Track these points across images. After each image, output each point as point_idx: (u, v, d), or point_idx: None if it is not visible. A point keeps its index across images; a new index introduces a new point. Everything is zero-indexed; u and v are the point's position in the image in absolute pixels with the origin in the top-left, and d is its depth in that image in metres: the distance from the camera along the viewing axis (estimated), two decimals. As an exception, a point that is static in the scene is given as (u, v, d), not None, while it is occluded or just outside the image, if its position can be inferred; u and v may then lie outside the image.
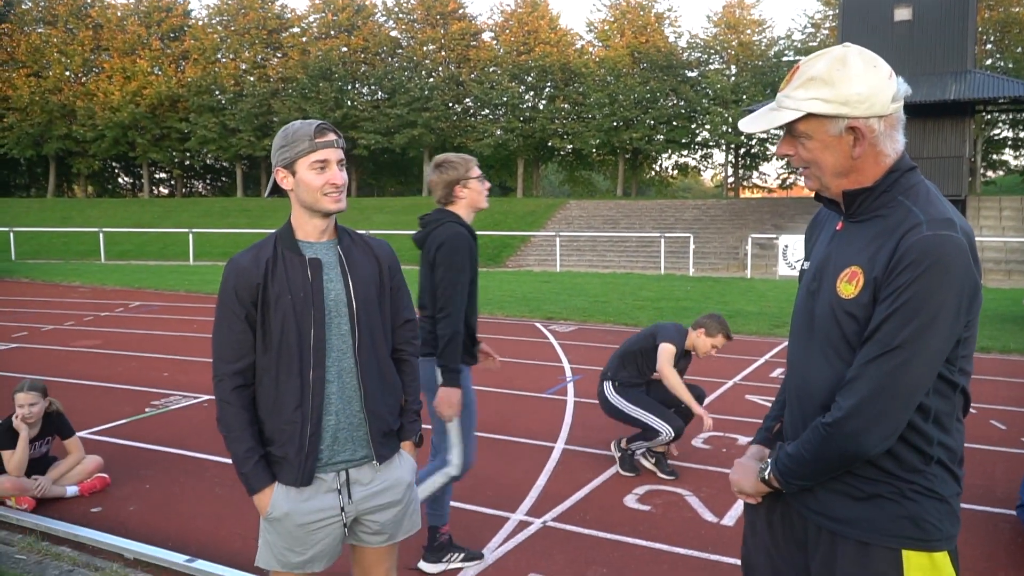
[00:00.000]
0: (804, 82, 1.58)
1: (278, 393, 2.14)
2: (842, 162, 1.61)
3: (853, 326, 1.57)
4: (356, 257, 2.25)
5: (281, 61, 46.31)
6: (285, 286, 2.13)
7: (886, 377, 1.49)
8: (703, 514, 4.43)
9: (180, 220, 36.10)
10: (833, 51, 1.59)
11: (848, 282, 1.59)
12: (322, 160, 2.12)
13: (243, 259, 2.17)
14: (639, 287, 17.68)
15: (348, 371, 2.20)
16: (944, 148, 23.39)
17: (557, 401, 7.05)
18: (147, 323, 12.05)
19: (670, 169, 48.33)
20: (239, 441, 2.15)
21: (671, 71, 40.74)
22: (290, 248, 2.18)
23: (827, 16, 40.02)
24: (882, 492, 1.60)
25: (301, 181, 2.14)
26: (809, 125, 1.60)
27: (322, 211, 2.16)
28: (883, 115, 1.56)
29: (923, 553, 1.58)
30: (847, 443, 1.54)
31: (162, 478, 4.97)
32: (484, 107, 44.02)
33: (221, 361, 2.16)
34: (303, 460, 2.15)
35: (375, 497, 2.27)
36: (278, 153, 2.17)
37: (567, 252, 27.42)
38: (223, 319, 2.16)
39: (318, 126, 2.13)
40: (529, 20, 42.77)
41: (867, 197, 1.62)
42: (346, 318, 2.19)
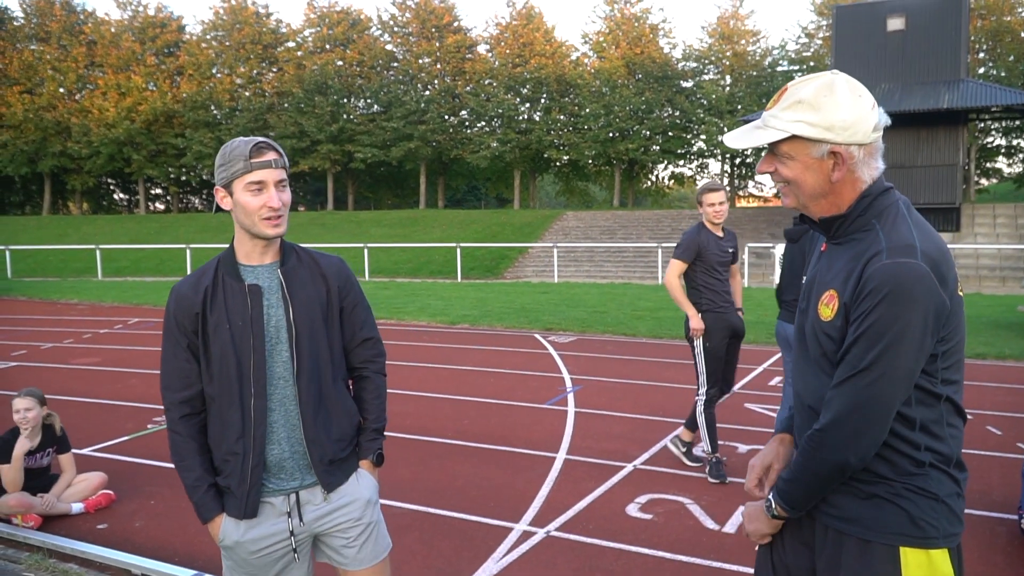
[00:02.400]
0: (792, 104, 1.64)
1: (222, 423, 2.09)
2: (821, 184, 1.67)
3: (831, 346, 1.66)
4: (300, 279, 2.16)
5: (276, 75, 46.51)
6: (223, 315, 2.06)
7: (857, 396, 1.58)
8: (704, 522, 4.47)
9: (177, 236, 36.14)
10: (822, 77, 1.64)
11: (826, 305, 1.67)
12: (258, 182, 2.04)
13: (183, 286, 2.11)
14: (637, 297, 17.73)
15: (291, 399, 2.12)
16: (938, 156, 23.53)
17: (558, 412, 7.09)
18: (146, 339, 12.07)
19: (666, 179, 48.54)
20: (188, 470, 2.11)
21: (666, 82, 40.98)
22: (230, 273, 2.11)
23: (820, 26, 40.30)
24: (880, 492, 1.67)
25: (238, 203, 2.06)
26: (793, 146, 1.66)
27: (260, 235, 2.08)
28: (863, 143, 1.63)
29: (920, 550, 1.64)
30: (830, 455, 1.63)
31: (167, 493, 5.00)
32: (480, 119, 44.22)
33: (168, 390, 2.12)
34: (246, 492, 2.09)
35: (331, 516, 2.20)
36: (218, 171, 2.08)
37: (564, 263, 27.49)
38: (167, 347, 2.12)
39: (255, 144, 2.04)
40: (524, 32, 43.02)
41: (842, 223, 1.69)
42: (286, 345, 2.11)
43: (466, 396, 7.75)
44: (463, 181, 53.68)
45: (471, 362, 9.66)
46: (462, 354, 10.32)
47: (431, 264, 28.75)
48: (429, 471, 5.42)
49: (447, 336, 12.02)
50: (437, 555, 4.02)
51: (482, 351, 10.55)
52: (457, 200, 56.77)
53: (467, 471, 5.40)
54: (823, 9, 39.73)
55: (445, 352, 10.46)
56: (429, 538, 4.26)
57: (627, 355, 10.06)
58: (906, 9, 23.93)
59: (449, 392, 7.94)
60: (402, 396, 7.76)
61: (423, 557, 4.01)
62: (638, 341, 11.29)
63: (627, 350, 10.47)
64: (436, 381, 8.48)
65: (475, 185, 56.81)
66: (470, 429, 6.48)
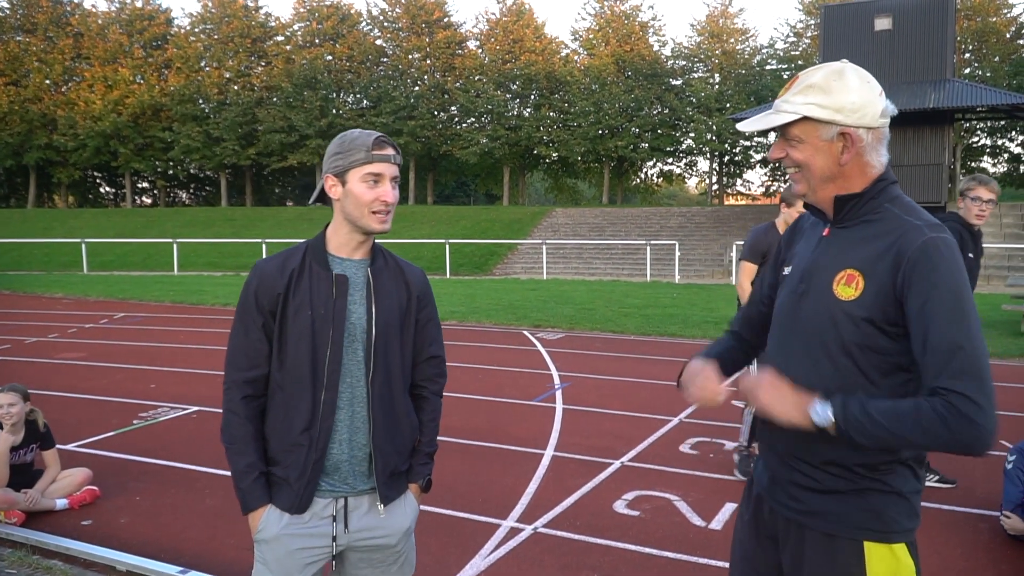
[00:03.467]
0: (802, 89, 1.69)
1: (287, 412, 2.03)
2: (830, 167, 1.69)
3: (850, 326, 1.63)
4: (385, 281, 2.12)
5: (265, 70, 46.23)
6: (307, 300, 2.02)
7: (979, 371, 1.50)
8: (691, 518, 4.49)
9: (164, 230, 35.91)
10: (831, 65, 1.70)
11: (847, 284, 1.65)
12: (376, 173, 2.01)
13: (268, 265, 2.06)
14: (625, 294, 17.77)
15: (360, 400, 2.07)
16: (924, 156, 23.70)
17: (546, 408, 7.10)
18: (132, 334, 11.99)
19: (655, 177, 48.63)
20: (241, 454, 2.03)
21: (655, 79, 41.03)
22: (318, 261, 2.06)
23: (809, 25, 40.46)
24: (841, 487, 1.68)
25: (351, 192, 2.02)
26: (803, 129, 1.69)
27: (366, 229, 2.05)
28: (871, 127, 1.66)
29: (883, 545, 1.67)
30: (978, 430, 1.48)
31: (153, 490, 4.97)
32: (470, 115, 44.14)
33: (233, 368, 2.05)
34: (303, 486, 2.03)
35: (373, 531, 2.13)
36: (331, 160, 2.04)
37: (553, 260, 27.51)
38: (240, 324, 2.06)
39: (377, 138, 2.02)
40: (514, 29, 42.97)
41: (856, 202, 1.70)
42: (363, 344, 2.06)
43: (454, 392, 7.74)
44: (452, 177, 53.59)
45: (459, 359, 9.66)
46: (450, 350, 10.31)
47: (420, 260, 28.68)
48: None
49: (435, 332, 11.99)
50: (425, 552, 4.02)
51: (470, 347, 10.55)
52: (446, 196, 56.66)
53: (455, 467, 5.40)
54: (811, 8, 39.89)
55: (433, 348, 10.43)
56: (417, 535, 4.22)
57: (615, 352, 10.08)
58: (893, 9, 24.07)
59: (437, 388, 7.92)
60: (390, 392, 7.74)
61: (410, 553, 4.01)
62: (626, 338, 11.31)
63: (615, 347, 10.49)
64: (424, 377, 8.46)
65: (464, 181, 56.73)
66: (458, 425, 6.48)
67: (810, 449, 1.71)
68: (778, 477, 1.81)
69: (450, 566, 3.87)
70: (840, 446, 1.65)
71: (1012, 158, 38.72)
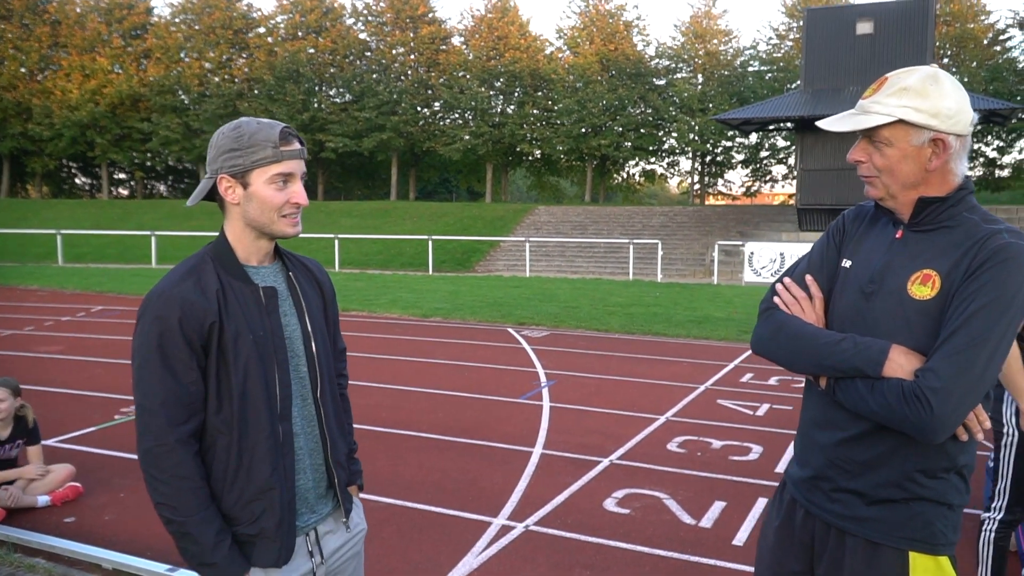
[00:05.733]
0: (896, 91, 1.65)
1: (242, 457, 1.74)
2: (916, 173, 1.67)
3: (927, 324, 1.61)
4: (305, 286, 1.93)
5: (247, 61, 45.79)
6: (243, 322, 1.74)
7: (971, 365, 1.53)
8: (681, 517, 4.49)
9: (142, 222, 35.45)
10: (925, 68, 1.67)
11: (923, 284, 1.63)
12: (286, 173, 1.76)
13: (182, 290, 1.71)
14: (609, 293, 17.80)
15: (310, 418, 1.88)
16: (904, 158, 23.94)
17: (533, 406, 7.08)
18: (111, 328, 11.82)
19: (637, 176, 48.79)
20: (206, 523, 1.70)
21: (639, 79, 41.12)
22: (235, 275, 1.78)
23: (791, 28, 40.73)
24: (894, 496, 1.66)
25: (256, 195, 1.76)
26: (895, 132, 1.65)
27: (276, 235, 1.81)
28: (961, 134, 1.65)
29: (929, 556, 1.65)
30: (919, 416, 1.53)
31: (138, 487, 4.88)
32: (453, 111, 44.01)
33: (168, 424, 1.68)
34: (285, 534, 1.78)
35: (344, 549, 2.00)
36: (226, 157, 1.75)
37: (536, 257, 27.50)
38: (163, 369, 1.68)
39: (283, 130, 1.77)
40: (499, 25, 42.86)
41: (939, 206, 1.67)
42: (303, 358, 1.86)
43: (440, 389, 7.71)
44: (435, 173, 53.39)
45: (445, 355, 9.62)
46: (435, 347, 10.26)
47: (402, 256, 28.59)
48: (405, 465, 5.38)
49: (420, 329, 11.95)
50: (416, 549, 3.99)
51: (455, 344, 10.51)
52: (428, 192, 56.44)
53: (443, 465, 5.37)
54: (794, 11, 40.15)
55: (418, 345, 10.40)
56: (407, 532, 4.22)
57: (600, 350, 10.08)
58: (875, 13, 24.28)
59: (423, 385, 7.89)
60: (376, 389, 7.69)
61: (402, 551, 3.98)
62: (611, 336, 11.33)
63: (600, 345, 10.50)
64: (410, 374, 8.42)
65: (447, 178, 56.54)
66: (445, 422, 6.45)
67: (862, 454, 1.69)
68: (821, 480, 1.77)
69: (442, 564, 3.84)
70: (897, 453, 1.65)
71: (987, 162, 39.25)
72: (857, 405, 1.63)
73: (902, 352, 1.60)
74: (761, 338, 1.84)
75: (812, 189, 24.96)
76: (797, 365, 1.75)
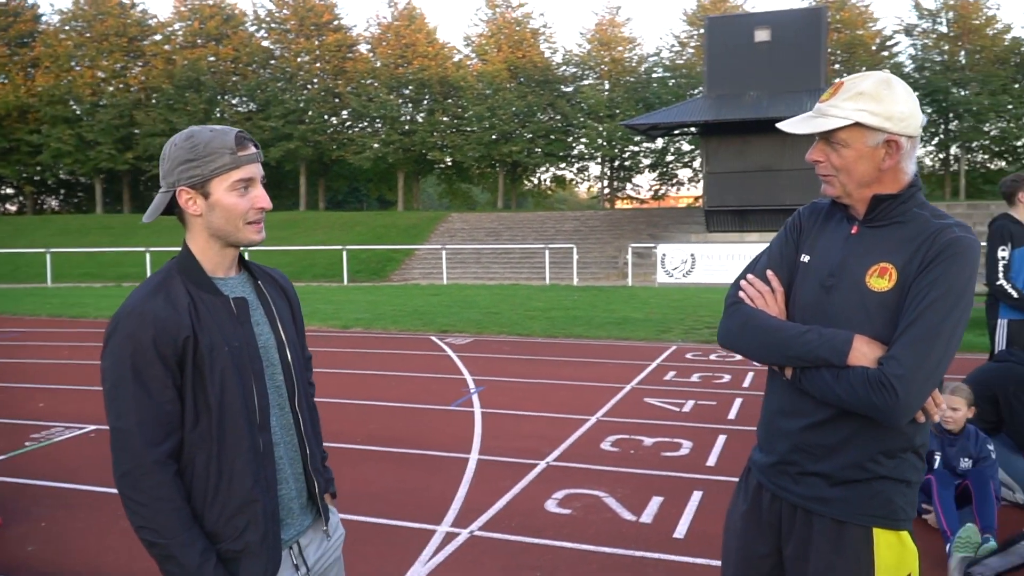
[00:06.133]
0: (853, 95, 1.75)
1: (222, 472, 1.71)
2: (870, 172, 1.77)
3: (886, 314, 1.72)
4: (274, 295, 1.92)
5: (144, 70, 44.12)
6: (218, 335, 1.72)
7: (931, 352, 1.63)
8: (622, 513, 4.59)
9: (34, 239, 33.58)
10: (877, 74, 1.77)
11: (880, 277, 1.73)
12: (246, 179, 1.74)
13: (153, 307, 1.67)
14: (528, 298, 17.96)
15: (289, 428, 1.87)
16: (801, 161, 24.73)
17: (464, 413, 7.09)
18: (8, 351, 11.16)
19: (547, 181, 49.40)
20: (189, 545, 1.65)
21: (547, 86, 41.73)
22: (204, 287, 1.75)
23: (692, 35, 42.15)
24: (857, 476, 1.76)
25: (218, 204, 1.73)
26: (851, 134, 1.75)
27: (241, 243, 1.79)
28: (911, 136, 1.76)
29: (891, 531, 1.77)
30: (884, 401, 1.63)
31: (58, 514, 4.65)
32: (362, 119, 43.53)
33: (146, 445, 1.64)
34: (270, 547, 1.75)
35: (324, 559, 1.98)
36: (182, 169, 1.71)
37: (451, 264, 27.46)
38: (138, 388, 1.65)
39: (238, 135, 1.74)
40: (406, 33, 42.71)
41: (892, 203, 1.78)
42: (279, 367, 1.85)
43: (370, 400, 7.62)
44: (345, 183, 52.65)
45: (371, 366, 9.51)
46: (360, 358, 10.13)
47: (315, 267, 28.05)
48: (343, 477, 5.28)
49: (341, 340, 11.77)
50: (363, 560, 3.95)
51: (380, 354, 10.40)
52: (338, 202, 55.56)
53: (382, 476, 5.32)
54: (694, 19, 41.60)
55: (342, 356, 10.25)
56: (352, 544, 4.16)
57: (525, 355, 10.18)
58: (772, 22, 25.43)
59: (352, 397, 7.78)
60: (303, 402, 7.53)
61: (350, 564, 3.89)
62: (534, 341, 11.44)
63: (524, 350, 10.60)
64: (338, 386, 8.29)
65: (357, 187, 55.83)
66: (379, 433, 6.38)
67: (827, 439, 1.78)
68: (787, 465, 1.86)
69: (390, 573, 3.81)
70: (859, 436, 1.75)
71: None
72: (823, 393, 1.73)
73: (865, 341, 1.71)
74: (728, 331, 1.92)
75: (718, 191, 25.86)
76: (764, 356, 1.84)
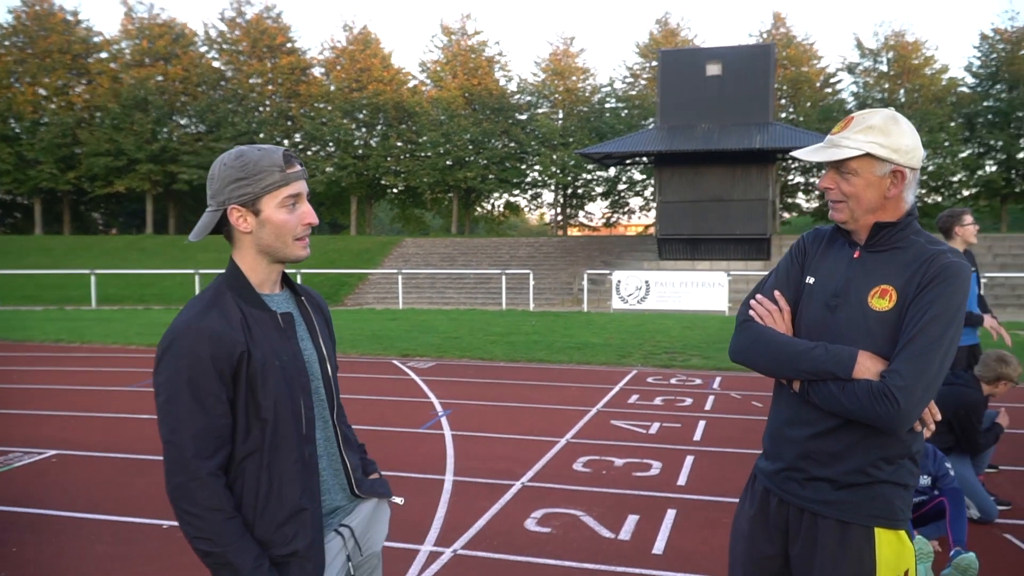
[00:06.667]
0: (863, 129, 1.92)
1: (272, 483, 1.78)
2: (877, 200, 1.95)
3: (886, 332, 1.88)
4: (314, 311, 2.00)
5: (88, 88, 43.17)
6: (269, 349, 1.78)
7: (930, 366, 1.80)
8: (600, 531, 4.68)
9: (-29, 259, 32.40)
10: (884, 111, 1.95)
11: (881, 298, 1.90)
12: (295, 195, 1.82)
13: (209, 323, 1.73)
14: (486, 323, 18.03)
15: (331, 439, 1.94)
16: (751, 192, 25.84)
17: (435, 435, 7.11)
18: (-47, 374, 10.76)
19: (501, 207, 49.69)
20: (244, 551, 1.71)
21: (502, 113, 42.15)
22: (253, 303, 1.81)
23: (644, 68, 43.13)
24: (859, 480, 1.92)
25: (269, 221, 1.80)
26: (861, 164, 1.93)
27: (289, 259, 1.86)
28: (914, 168, 1.94)
29: (891, 531, 1.92)
30: (888, 411, 1.78)
31: (29, 540, 4.52)
32: (315, 143, 43.29)
33: (200, 458, 1.70)
34: (316, 552, 1.83)
35: (371, 533, 2.06)
36: (234, 187, 1.78)
37: (406, 289, 27.39)
38: (194, 403, 1.70)
39: (284, 153, 1.82)
40: (361, 57, 42.73)
41: (891, 230, 1.96)
42: (320, 381, 1.92)
43: (338, 423, 7.57)
44: (296, 206, 52.10)
45: (334, 389, 9.44)
46: (322, 381, 10.04)
47: (267, 291, 27.66)
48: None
49: (301, 364, 11.64)
50: (349, 582, 3.94)
51: (344, 378, 10.33)
52: (289, 225, 54.95)
53: (358, 497, 5.31)
54: (646, 52, 42.61)
55: (304, 380, 10.13)
56: (336, 566, 4.16)
57: (489, 378, 10.23)
58: (723, 56, 26.26)
59: (319, 420, 7.72)
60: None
61: (335, 585, 3.92)
62: (496, 365, 11.51)
63: (488, 374, 10.65)
64: (302, 409, 8.20)
65: (308, 210, 55.29)
66: (351, 455, 6.35)
67: (832, 446, 1.93)
68: (794, 471, 2.00)
69: (379, 594, 3.81)
70: (862, 444, 1.90)
71: (822, 194, 42.89)
72: (830, 404, 1.88)
73: (868, 356, 1.87)
74: (740, 346, 2.07)
75: (671, 220, 26.43)
76: (774, 370, 1.99)
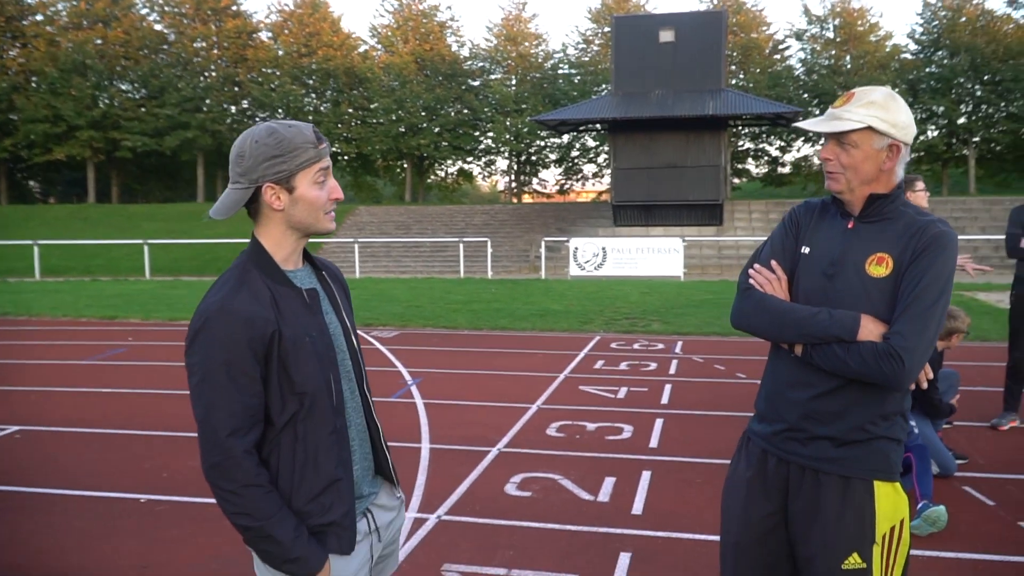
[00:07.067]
0: (865, 104, 2.02)
1: (308, 455, 1.82)
2: (872, 172, 2.05)
3: (884, 297, 2.00)
4: (335, 285, 2.01)
5: (23, 52, 41.39)
6: (299, 325, 1.81)
7: (928, 328, 1.92)
8: (579, 494, 4.79)
9: (-99, 232, 31.04)
10: (883, 88, 2.06)
11: (878, 265, 2.01)
12: (325, 168, 1.83)
13: (240, 303, 1.75)
14: (446, 291, 18.02)
15: (357, 410, 1.96)
16: (703, 158, 26.13)
17: (407, 404, 7.14)
18: None
19: (455, 175, 49.40)
20: (283, 523, 1.76)
21: (455, 79, 41.69)
22: (278, 280, 1.83)
23: (597, 33, 43.01)
24: (858, 437, 2.04)
25: (302, 198, 1.80)
26: (862, 136, 2.02)
27: (318, 232, 1.88)
28: (907, 143, 2.05)
29: (888, 483, 2.05)
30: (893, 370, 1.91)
31: (5, 518, 4.45)
32: (264, 109, 42.30)
33: (235, 437, 1.73)
34: (351, 521, 1.87)
35: (394, 523, 2.09)
36: (268, 165, 1.77)
37: (362, 258, 27.14)
38: (229, 382, 1.72)
39: (314, 130, 1.82)
40: (310, 21, 41.76)
41: (884, 201, 2.07)
42: (347, 354, 1.94)
43: (307, 394, 7.55)
44: (244, 174, 50.97)
45: (299, 360, 9.38)
46: (286, 352, 9.96)
47: (218, 261, 27.15)
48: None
49: (263, 335, 11.52)
50: (338, 550, 3.98)
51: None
52: (238, 194, 53.77)
53: (337, 467, 5.33)
54: (599, 17, 42.47)
55: (267, 351, 10.04)
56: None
57: (455, 347, 10.28)
58: (675, 23, 26.32)
59: (287, 391, 7.68)
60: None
61: (324, 553, 3.95)
62: (461, 333, 11.55)
63: (453, 342, 10.69)
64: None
65: (257, 178, 54.18)
66: (325, 426, 6.36)
67: (833, 406, 2.04)
68: (796, 432, 2.10)
69: (368, 561, 3.86)
70: (860, 403, 2.01)
71: (771, 160, 43.65)
72: (835, 365, 1.99)
73: (871, 320, 1.98)
74: (743, 312, 2.17)
75: (625, 187, 26.61)
76: (776, 334, 2.09)
